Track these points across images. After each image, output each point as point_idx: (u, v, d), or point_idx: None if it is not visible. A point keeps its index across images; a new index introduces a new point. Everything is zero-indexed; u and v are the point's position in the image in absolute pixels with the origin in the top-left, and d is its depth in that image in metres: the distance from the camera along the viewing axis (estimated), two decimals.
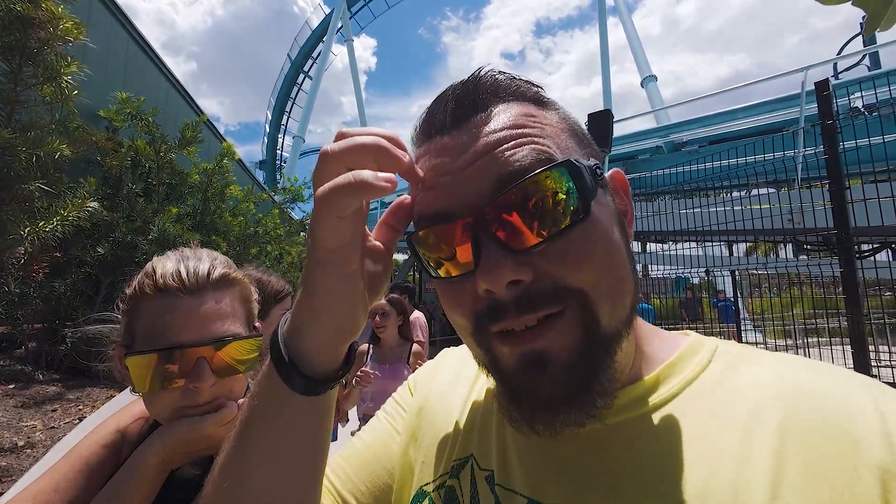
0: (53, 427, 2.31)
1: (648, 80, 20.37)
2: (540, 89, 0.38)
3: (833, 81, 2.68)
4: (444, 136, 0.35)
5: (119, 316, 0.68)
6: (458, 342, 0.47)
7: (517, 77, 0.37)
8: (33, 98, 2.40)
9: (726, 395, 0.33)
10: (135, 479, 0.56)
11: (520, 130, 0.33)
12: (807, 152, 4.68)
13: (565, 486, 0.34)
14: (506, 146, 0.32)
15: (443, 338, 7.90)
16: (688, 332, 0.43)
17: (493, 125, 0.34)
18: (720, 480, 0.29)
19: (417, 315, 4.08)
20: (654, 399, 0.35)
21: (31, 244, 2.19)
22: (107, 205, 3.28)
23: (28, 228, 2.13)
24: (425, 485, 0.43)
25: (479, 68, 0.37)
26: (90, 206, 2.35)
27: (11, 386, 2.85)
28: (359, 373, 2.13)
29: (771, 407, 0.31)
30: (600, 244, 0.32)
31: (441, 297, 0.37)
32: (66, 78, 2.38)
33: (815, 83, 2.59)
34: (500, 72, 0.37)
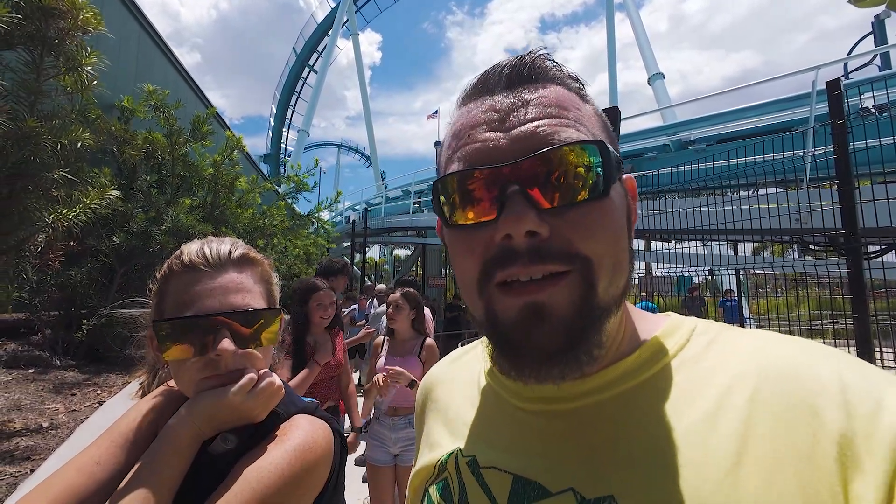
0: (75, 410, 2.38)
1: (656, 77, 20.20)
2: (582, 85, 0.40)
3: (844, 81, 2.67)
4: (496, 96, 0.37)
5: (149, 300, 0.72)
6: (459, 338, 0.49)
7: (565, 67, 0.40)
8: (55, 88, 2.43)
9: (702, 372, 0.35)
10: (167, 450, 0.59)
11: (564, 111, 0.36)
12: (816, 152, 4.67)
13: (550, 461, 0.36)
14: (550, 120, 0.35)
15: (446, 333, 7.93)
16: (668, 312, 0.44)
17: (542, 98, 0.36)
18: (691, 450, 0.31)
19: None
20: (633, 377, 0.37)
21: (54, 231, 2.23)
22: (122, 195, 3.32)
23: (52, 216, 2.18)
24: (427, 483, 0.45)
25: (534, 49, 0.40)
26: (111, 194, 2.39)
27: (31, 370, 2.92)
28: (390, 372, 2.13)
29: (743, 381, 0.32)
30: (611, 223, 0.35)
31: (452, 246, 0.39)
32: (86, 68, 2.41)
33: (827, 82, 2.59)
34: (552, 58, 0.40)
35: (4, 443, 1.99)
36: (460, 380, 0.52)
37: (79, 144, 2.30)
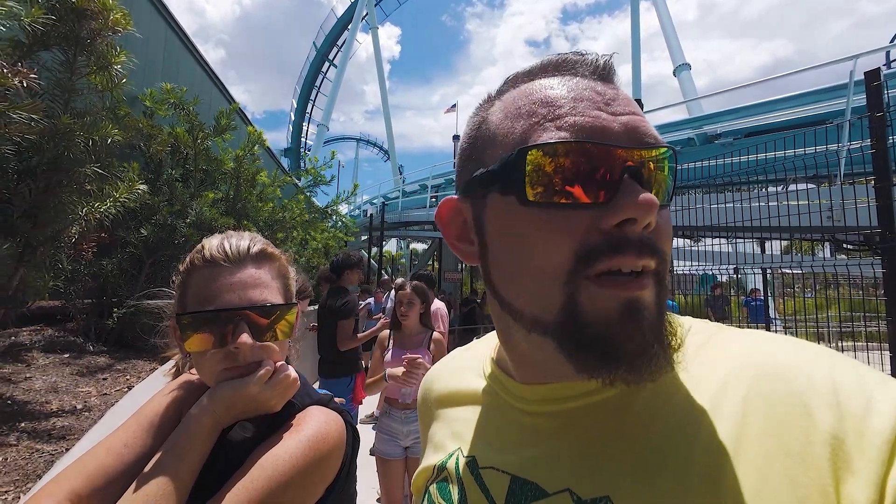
0: (106, 394, 2.51)
1: (682, 68, 19.55)
2: None
3: (885, 71, 2.53)
4: (590, 80, 0.35)
5: (173, 291, 0.75)
6: (475, 332, 0.48)
7: None
8: (87, 86, 2.54)
9: (697, 373, 0.35)
10: (188, 437, 0.62)
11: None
12: (852, 146, 4.44)
13: (547, 461, 0.37)
14: (644, 119, 0.35)
15: (461, 327, 7.95)
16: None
17: (629, 98, 0.36)
18: (687, 450, 0.31)
19: (439, 305, 4.11)
20: None
21: (87, 223, 2.35)
22: (149, 189, 3.45)
23: (85, 209, 2.29)
24: (428, 482, 0.46)
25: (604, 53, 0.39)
26: (139, 188, 2.50)
27: (66, 355, 3.09)
28: (408, 360, 2.12)
29: (737, 380, 0.32)
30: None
31: (525, 226, 0.34)
32: (116, 67, 2.52)
33: (865, 73, 2.46)
34: None
35: (43, 422, 2.12)
36: (460, 380, 0.52)
37: (109, 140, 2.40)
